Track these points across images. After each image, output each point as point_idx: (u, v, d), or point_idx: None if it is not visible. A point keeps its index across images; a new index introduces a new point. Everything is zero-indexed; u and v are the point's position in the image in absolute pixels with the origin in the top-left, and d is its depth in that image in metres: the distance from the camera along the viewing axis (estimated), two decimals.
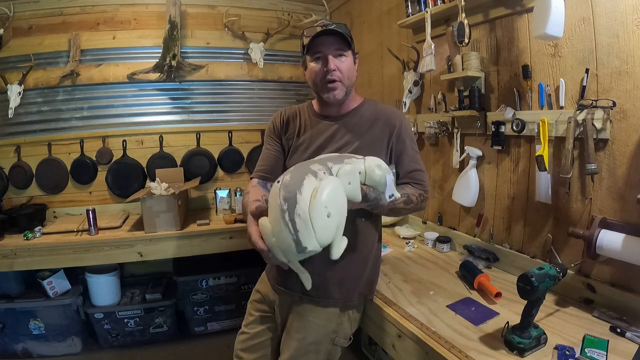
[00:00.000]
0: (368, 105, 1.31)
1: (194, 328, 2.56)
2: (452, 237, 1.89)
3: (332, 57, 1.19)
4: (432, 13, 1.76)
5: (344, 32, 1.17)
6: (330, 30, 1.17)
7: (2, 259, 2.10)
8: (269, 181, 1.32)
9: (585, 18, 1.24)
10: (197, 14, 2.75)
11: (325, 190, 0.87)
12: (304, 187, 0.87)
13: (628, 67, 1.14)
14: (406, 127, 1.28)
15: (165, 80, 2.64)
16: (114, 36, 2.61)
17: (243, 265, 2.55)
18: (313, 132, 1.29)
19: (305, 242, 0.86)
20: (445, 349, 1.07)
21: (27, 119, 2.55)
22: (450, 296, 1.39)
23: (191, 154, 2.78)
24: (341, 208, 0.92)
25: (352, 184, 0.96)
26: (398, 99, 2.23)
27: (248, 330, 1.38)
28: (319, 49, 1.19)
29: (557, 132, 1.33)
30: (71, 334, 2.35)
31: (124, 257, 2.22)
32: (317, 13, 2.95)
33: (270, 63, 2.88)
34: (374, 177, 0.99)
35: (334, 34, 1.17)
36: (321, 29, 1.17)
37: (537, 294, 1.01)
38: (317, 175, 0.92)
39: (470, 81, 1.67)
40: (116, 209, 2.68)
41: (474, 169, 1.72)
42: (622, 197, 1.19)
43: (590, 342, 1.03)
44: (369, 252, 1.31)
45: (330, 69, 1.18)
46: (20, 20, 2.48)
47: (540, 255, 1.46)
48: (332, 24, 1.19)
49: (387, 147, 1.23)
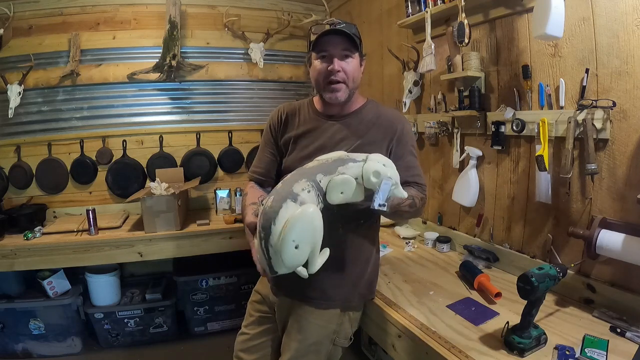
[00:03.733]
0: (370, 107, 1.29)
1: (194, 328, 2.56)
2: (452, 237, 1.89)
3: (338, 58, 1.17)
4: (432, 13, 1.76)
5: (352, 34, 1.15)
6: (338, 30, 1.14)
7: (2, 259, 2.10)
8: (263, 185, 1.33)
9: (585, 18, 1.24)
10: (197, 14, 2.75)
11: (294, 225, 0.91)
12: (279, 217, 0.92)
13: (628, 67, 1.14)
14: (408, 131, 1.27)
15: (165, 80, 2.64)
16: (114, 36, 2.61)
17: (243, 265, 2.55)
18: (312, 131, 1.27)
19: (276, 268, 0.95)
20: (445, 349, 1.06)
21: (27, 119, 2.55)
22: (450, 296, 1.39)
23: (191, 154, 2.78)
24: (312, 238, 0.94)
25: (344, 193, 0.98)
26: (398, 99, 2.23)
27: (248, 331, 1.38)
28: (326, 47, 1.17)
29: (557, 132, 1.33)
30: (71, 334, 2.35)
31: (124, 257, 2.22)
32: (317, 13, 2.94)
33: (270, 63, 2.87)
34: (369, 184, 0.97)
35: (342, 34, 1.15)
36: (329, 28, 1.14)
37: (537, 294, 1.01)
38: (297, 200, 0.94)
39: (470, 81, 1.67)
40: (116, 209, 2.68)
41: (474, 169, 1.72)
42: (622, 197, 1.19)
43: (590, 342, 1.03)
44: (369, 252, 1.31)
45: (335, 69, 1.16)
46: (20, 20, 2.47)
47: (540, 255, 1.46)
48: (342, 23, 1.16)
49: (386, 150, 1.22)
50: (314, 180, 0.97)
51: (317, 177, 0.98)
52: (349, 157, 1.02)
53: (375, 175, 0.96)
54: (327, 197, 0.99)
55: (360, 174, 0.97)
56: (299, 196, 0.94)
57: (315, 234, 0.94)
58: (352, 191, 0.98)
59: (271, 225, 0.92)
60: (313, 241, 0.94)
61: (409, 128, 1.29)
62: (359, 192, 1.00)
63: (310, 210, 0.93)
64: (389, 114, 1.29)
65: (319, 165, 1.01)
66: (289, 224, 0.91)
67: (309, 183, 0.97)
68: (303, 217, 0.92)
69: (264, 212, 0.95)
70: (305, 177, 0.98)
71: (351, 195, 0.99)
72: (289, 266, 0.94)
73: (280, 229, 0.91)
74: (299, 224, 0.91)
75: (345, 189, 0.97)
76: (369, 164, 0.98)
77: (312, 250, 0.96)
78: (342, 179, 0.97)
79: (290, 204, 0.93)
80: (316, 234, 0.94)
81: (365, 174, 0.97)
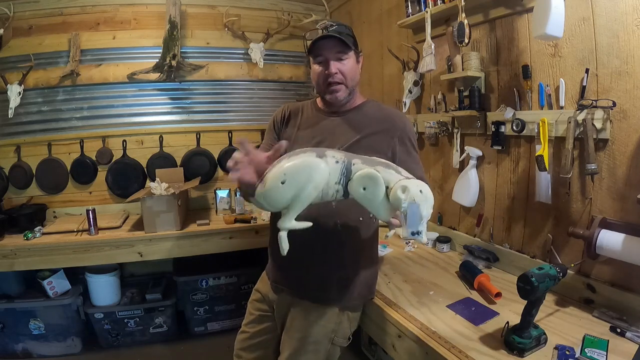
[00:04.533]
0: (371, 105, 1.31)
1: (194, 328, 2.56)
2: (452, 237, 1.89)
3: (333, 61, 1.19)
4: (432, 13, 1.76)
5: (343, 37, 1.17)
6: (330, 34, 1.17)
7: (2, 259, 2.10)
8: None
9: (585, 18, 1.24)
10: (197, 14, 2.75)
11: (293, 162, 0.91)
12: (294, 156, 0.92)
13: (628, 67, 1.14)
14: (410, 130, 1.28)
15: (165, 80, 2.64)
16: (114, 36, 2.61)
17: (243, 265, 2.55)
18: (314, 126, 1.29)
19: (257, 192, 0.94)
20: (445, 349, 1.06)
21: (27, 119, 2.55)
22: (450, 296, 1.39)
23: (191, 154, 2.78)
24: (301, 182, 0.90)
25: (367, 190, 0.91)
26: (398, 99, 2.23)
27: (248, 330, 1.38)
28: (320, 52, 1.20)
29: (557, 132, 1.33)
30: (71, 334, 2.36)
31: (124, 257, 2.22)
32: (317, 13, 2.95)
33: (270, 63, 2.88)
34: (395, 199, 0.87)
35: (334, 37, 1.17)
36: (321, 33, 1.17)
37: (537, 294, 1.01)
38: (321, 157, 0.92)
39: (470, 81, 1.67)
40: (116, 209, 2.68)
41: (474, 169, 1.72)
42: (622, 197, 1.18)
43: (590, 342, 1.03)
44: (368, 252, 1.31)
45: (332, 72, 1.19)
46: (20, 20, 2.48)
47: (540, 255, 1.46)
48: (334, 24, 1.19)
49: (387, 146, 1.23)
50: (348, 159, 0.94)
51: (353, 160, 0.94)
52: (397, 168, 0.95)
53: (402, 189, 0.86)
54: (349, 185, 0.94)
55: (392, 184, 0.89)
56: (326, 157, 0.92)
57: (307, 183, 0.90)
58: (375, 195, 0.90)
59: (284, 159, 0.93)
60: (300, 186, 0.90)
61: (410, 126, 1.30)
62: (382, 204, 0.91)
63: (316, 161, 0.91)
64: (391, 112, 1.30)
65: (363, 156, 0.97)
66: (291, 159, 0.91)
67: (342, 158, 0.94)
68: (305, 161, 0.91)
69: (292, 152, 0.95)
70: (344, 154, 0.96)
71: (372, 200, 0.91)
72: (266, 196, 0.92)
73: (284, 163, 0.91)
74: (298, 163, 0.90)
75: (369, 185, 0.90)
76: (406, 181, 0.89)
77: (295, 199, 0.92)
78: (370, 173, 0.90)
79: (312, 154, 0.92)
80: (308, 183, 0.90)
81: (396, 186, 0.88)
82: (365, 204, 0.94)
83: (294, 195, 0.91)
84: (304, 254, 1.18)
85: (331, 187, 0.94)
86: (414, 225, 0.86)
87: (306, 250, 1.17)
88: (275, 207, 0.96)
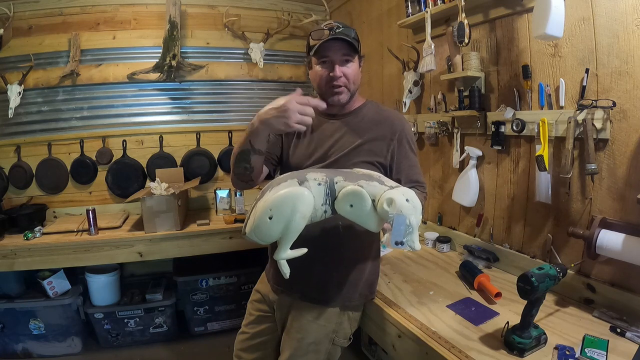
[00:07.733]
0: (370, 106, 1.31)
1: (194, 328, 2.56)
2: (452, 237, 1.89)
3: (338, 63, 1.18)
4: (432, 13, 1.76)
5: (351, 40, 1.16)
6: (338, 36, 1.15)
7: (2, 259, 2.10)
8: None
9: (585, 18, 1.24)
10: (197, 14, 2.75)
11: (277, 197, 0.91)
12: (278, 187, 0.93)
13: (628, 67, 1.14)
14: (408, 131, 1.28)
15: (165, 80, 2.64)
16: (114, 36, 2.61)
17: (243, 265, 2.55)
18: (314, 130, 1.28)
19: (247, 229, 0.97)
20: (445, 349, 1.07)
21: (27, 119, 2.55)
22: (450, 296, 1.39)
23: (191, 154, 2.78)
24: (287, 216, 0.91)
25: (354, 207, 0.92)
26: (398, 99, 2.23)
27: (248, 330, 1.38)
28: (326, 53, 1.18)
29: (557, 132, 1.33)
30: (71, 334, 2.35)
31: (124, 257, 2.22)
32: (317, 13, 2.94)
33: (270, 63, 2.87)
34: (381, 211, 0.89)
35: (342, 39, 1.16)
36: (329, 34, 1.15)
37: (537, 294, 1.01)
38: (303, 184, 0.93)
39: (470, 81, 1.67)
40: (116, 209, 2.68)
41: (474, 169, 1.72)
42: (622, 197, 1.19)
43: (590, 342, 1.03)
44: (369, 252, 1.31)
45: (337, 75, 1.18)
46: (20, 20, 2.47)
47: (540, 255, 1.46)
48: (340, 26, 1.17)
49: (387, 150, 1.23)
50: (330, 179, 0.94)
51: (335, 178, 0.95)
52: (379, 177, 0.96)
53: (388, 202, 0.87)
54: (335, 204, 0.95)
55: (378, 197, 0.90)
56: (308, 182, 0.93)
57: (294, 214, 0.91)
58: (362, 210, 0.91)
59: (267, 191, 0.95)
60: (287, 219, 0.91)
61: (409, 128, 1.30)
62: (371, 217, 0.92)
63: (299, 191, 0.91)
64: (390, 114, 1.30)
65: (345, 171, 0.98)
66: (275, 194, 0.92)
67: (324, 178, 0.94)
68: (288, 193, 0.91)
69: (274, 180, 0.97)
70: (325, 173, 0.96)
71: (360, 215, 0.92)
72: (257, 233, 0.94)
73: (269, 197, 0.92)
74: (282, 197, 0.91)
75: (355, 202, 0.91)
76: (392, 191, 0.90)
77: (285, 231, 0.93)
78: (354, 190, 0.90)
79: (294, 182, 0.93)
80: (294, 214, 0.91)
81: (381, 198, 0.89)
82: (354, 220, 0.95)
83: (284, 228, 0.93)
84: (305, 254, 1.18)
85: (318, 209, 0.95)
86: (399, 236, 0.88)
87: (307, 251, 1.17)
88: (268, 241, 0.98)
